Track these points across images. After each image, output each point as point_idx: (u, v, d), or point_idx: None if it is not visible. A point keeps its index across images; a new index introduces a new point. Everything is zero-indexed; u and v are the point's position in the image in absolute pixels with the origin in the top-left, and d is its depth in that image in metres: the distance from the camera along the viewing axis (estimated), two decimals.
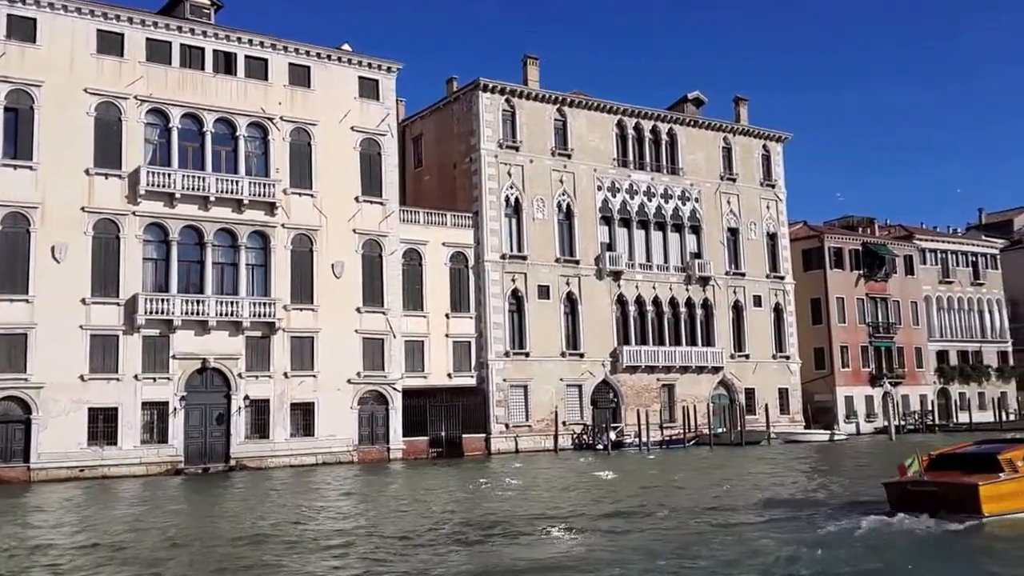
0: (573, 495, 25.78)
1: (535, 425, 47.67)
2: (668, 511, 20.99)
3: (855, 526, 17.35)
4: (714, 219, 56.77)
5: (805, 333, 60.54)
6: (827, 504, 21.57)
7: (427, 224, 46.63)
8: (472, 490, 28.10)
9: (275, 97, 42.48)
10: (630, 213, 53.36)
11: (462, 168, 49.66)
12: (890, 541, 16.13)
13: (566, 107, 51.75)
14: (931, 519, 17.06)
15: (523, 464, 38.88)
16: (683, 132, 56.31)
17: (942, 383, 66.97)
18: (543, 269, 49.41)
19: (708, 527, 18.50)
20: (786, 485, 27.18)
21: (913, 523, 17.06)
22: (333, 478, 34.17)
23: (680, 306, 54.31)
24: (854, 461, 37.44)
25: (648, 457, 42.59)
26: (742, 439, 49.37)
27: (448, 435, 45.23)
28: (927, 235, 70.16)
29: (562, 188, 50.92)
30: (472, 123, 49.09)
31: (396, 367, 43.56)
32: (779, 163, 60.63)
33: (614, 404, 51.11)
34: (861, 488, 24.44)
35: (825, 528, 17.57)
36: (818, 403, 61.19)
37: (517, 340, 48.11)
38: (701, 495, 24.45)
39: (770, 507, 21.47)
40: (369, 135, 44.62)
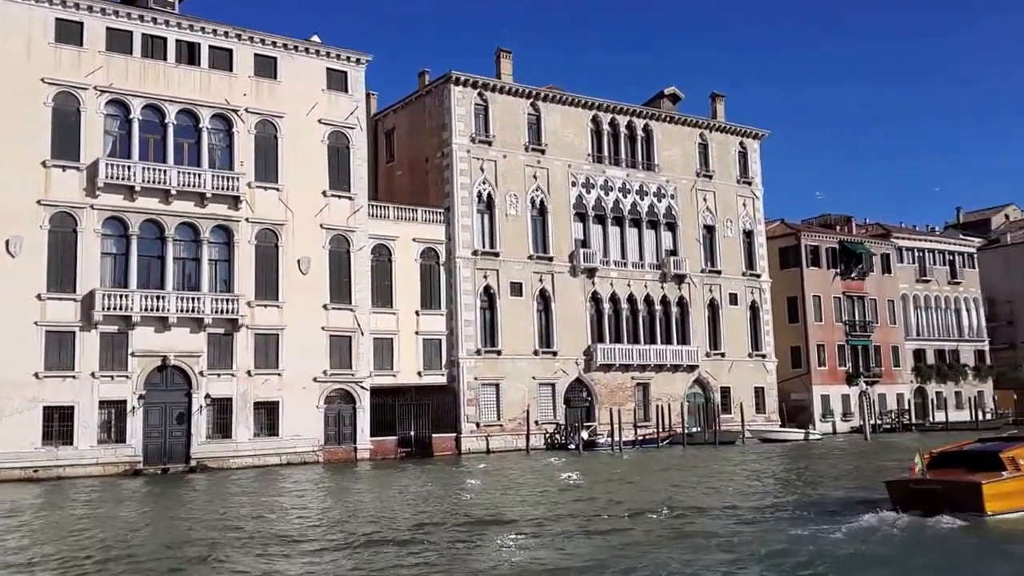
0: (529, 497, 24.96)
1: (507, 424, 46.91)
2: (625, 514, 20.28)
3: (857, 525, 17.19)
4: (690, 216, 56.18)
5: (781, 331, 60.09)
6: (825, 503, 21.16)
7: (397, 219, 45.75)
8: (427, 493, 27.29)
9: (240, 89, 41.49)
10: (605, 210, 52.68)
11: (434, 163, 48.81)
12: (893, 540, 15.96)
13: (540, 101, 50.99)
14: (934, 518, 16.96)
15: (489, 465, 38.15)
16: (659, 128, 55.68)
17: (919, 382, 66.72)
18: (516, 266, 48.65)
19: (673, 532, 17.80)
20: (755, 486, 26.54)
21: (916, 522, 16.92)
22: (295, 479, 33.31)
23: (655, 304, 53.70)
24: (826, 461, 36.90)
25: (619, 457, 41.89)
26: (716, 439, 48.82)
27: (417, 435, 44.40)
28: (904, 233, 69.92)
29: (536, 184, 50.17)
30: (444, 117, 48.25)
31: (364, 365, 42.69)
32: (756, 160, 60.14)
33: (588, 403, 50.43)
34: (827, 491, 23.86)
35: (826, 527, 17.28)
36: (794, 402, 60.76)
37: (489, 338, 47.32)
38: (668, 496, 23.77)
39: (750, 508, 20.88)
40: (337, 128, 43.70)
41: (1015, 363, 76.41)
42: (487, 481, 30.63)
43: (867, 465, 33.76)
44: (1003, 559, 14.73)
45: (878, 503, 19.46)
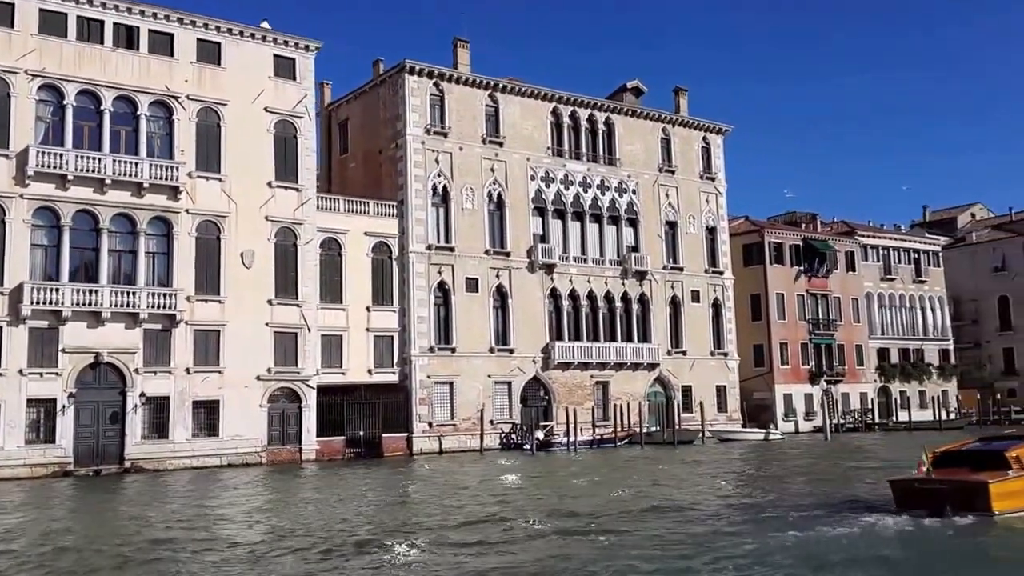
0: (454, 504, 23.48)
1: (460, 424, 45.61)
2: (547, 522, 19.06)
3: (861, 525, 16.97)
4: (652, 212, 55.17)
5: (744, 330, 59.28)
6: (827, 503, 20.73)
7: (348, 212, 44.29)
8: (351, 497, 25.94)
9: (181, 75, 39.85)
10: (565, 204, 51.52)
11: (388, 155, 47.41)
12: (899, 540, 15.76)
13: (498, 93, 49.70)
14: (939, 517, 16.81)
15: (435, 466, 36.90)
16: (621, 122, 54.60)
17: (883, 381, 66.21)
18: (472, 261, 47.34)
19: (604, 538, 16.62)
20: (701, 488, 25.42)
21: (921, 522, 16.74)
22: (232, 482, 31.85)
23: (616, 301, 52.62)
24: (782, 463, 35.91)
25: (573, 458, 40.71)
26: (675, 438, 47.84)
27: (367, 435, 42.99)
28: (869, 231, 69.38)
29: (493, 177, 48.89)
30: (398, 108, 46.85)
31: (311, 363, 41.23)
32: (719, 156, 59.25)
33: (545, 402, 49.26)
34: (772, 496, 22.82)
35: (829, 527, 16.96)
36: (757, 401, 59.99)
37: (443, 335, 45.99)
38: (605, 500, 22.60)
39: (716, 509, 19.76)
40: (285, 117, 42.17)
41: (979, 362, 76.28)
42: (422, 485, 29.29)
43: (818, 466, 32.84)
44: (1013, 560, 14.55)
45: (873, 503, 19.22)
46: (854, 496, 21.96)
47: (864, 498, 21.17)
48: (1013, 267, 75.29)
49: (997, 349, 76.23)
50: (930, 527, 16.47)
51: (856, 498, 21.42)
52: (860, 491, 23.00)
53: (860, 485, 24.78)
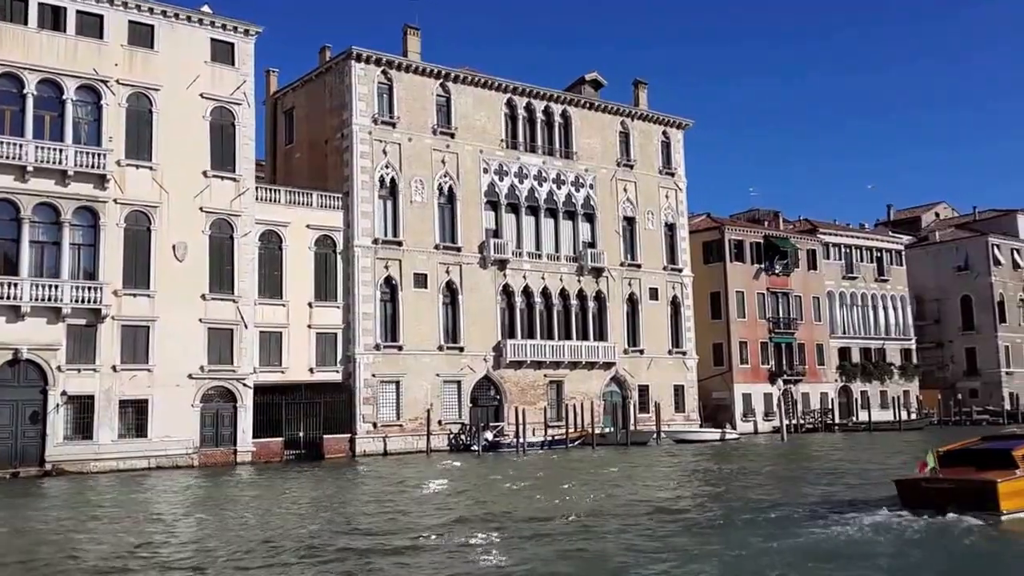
0: (356, 512, 21.87)
1: (407, 424, 44.05)
2: (437, 534, 17.61)
3: (867, 525, 16.74)
4: (609, 207, 53.89)
5: (704, 328, 58.20)
6: (829, 503, 20.52)
7: (289, 204, 42.55)
8: (256, 507, 24.32)
9: (111, 58, 37.90)
10: (519, 198, 50.08)
11: (333, 145, 45.71)
12: (907, 540, 15.53)
13: (450, 82, 48.15)
14: (946, 517, 16.62)
15: (373, 469, 35.45)
16: (578, 114, 53.25)
17: (844, 381, 65.47)
18: (421, 256, 45.77)
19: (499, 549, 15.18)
20: (637, 497, 24.07)
21: (928, 521, 16.57)
22: (155, 485, 30.14)
23: (571, 298, 51.27)
24: (732, 463, 34.69)
25: (519, 460, 39.24)
26: (628, 439, 46.59)
27: (308, 436, 41.33)
28: (831, 229, 68.58)
29: (444, 169, 47.34)
30: (344, 96, 45.16)
31: (247, 360, 39.47)
32: (679, 151, 58.09)
33: (496, 402, 47.81)
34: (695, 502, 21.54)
35: (834, 527, 16.72)
36: (716, 401, 58.98)
37: (390, 332, 44.39)
38: (529, 504, 21.19)
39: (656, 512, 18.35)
40: (222, 104, 40.34)
41: (942, 362, 75.88)
42: (338, 490, 27.57)
43: (760, 469, 31.66)
44: None
45: (878, 503, 19.07)
46: (856, 496, 21.70)
47: (867, 498, 20.88)
48: (976, 266, 74.91)
49: (959, 349, 75.83)
50: (938, 527, 16.27)
51: (859, 498, 21.11)
52: (862, 491, 22.89)
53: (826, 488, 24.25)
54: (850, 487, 24.43)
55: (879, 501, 19.44)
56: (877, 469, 29.97)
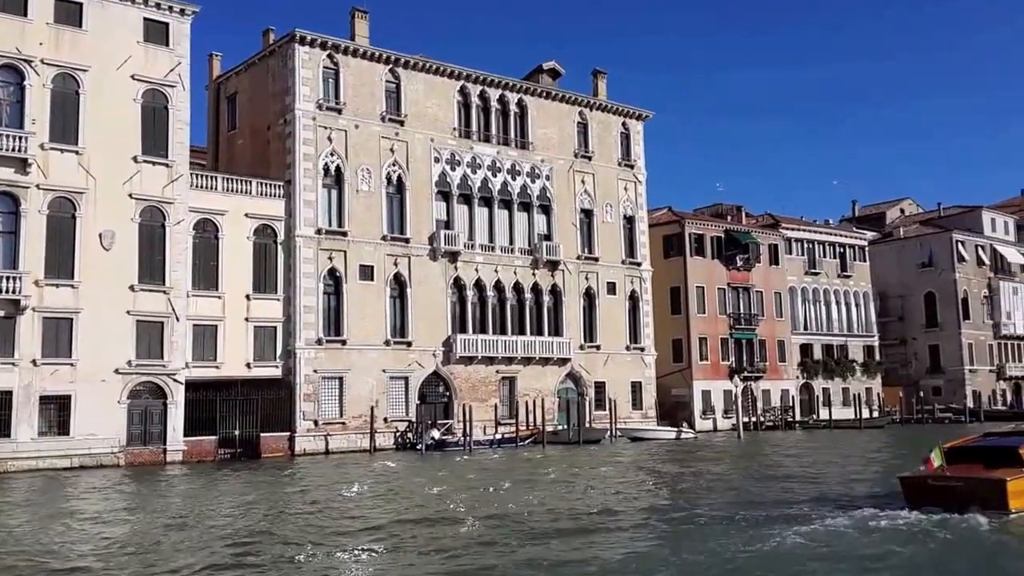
0: (248, 519, 20.32)
1: (351, 422, 42.45)
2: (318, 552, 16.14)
3: (873, 524, 16.46)
4: (566, 199, 52.51)
5: (663, 324, 57.03)
6: (832, 501, 20.24)
7: (227, 192, 40.79)
8: (150, 508, 22.73)
9: (35, 36, 35.93)
10: (471, 189, 48.57)
11: (276, 131, 43.94)
12: (914, 538, 15.28)
13: (400, 68, 46.51)
14: (953, 515, 16.34)
15: (304, 469, 33.85)
16: (534, 103, 51.80)
17: (805, 378, 64.63)
18: (367, 247, 44.15)
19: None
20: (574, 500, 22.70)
21: (936, 519, 16.27)
22: (73, 487, 28.39)
23: (525, 292, 49.86)
24: (681, 465, 33.46)
25: (460, 460, 37.74)
26: (580, 437, 45.30)
27: (244, 434, 39.60)
28: (793, 224, 67.65)
29: (393, 158, 45.73)
30: (287, 80, 43.41)
31: (179, 355, 37.70)
32: (639, 142, 56.82)
33: (446, 399, 46.33)
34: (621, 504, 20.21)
35: (842, 527, 16.47)
36: (675, 398, 57.86)
37: (333, 326, 42.75)
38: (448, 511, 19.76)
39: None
40: (155, 86, 38.47)
41: (905, 359, 75.32)
42: (256, 493, 25.79)
43: (707, 470, 30.43)
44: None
45: (881, 501, 18.83)
46: (860, 493, 21.46)
47: (870, 495, 20.68)
48: (940, 263, 74.36)
49: (923, 346, 75.28)
50: (946, 525, 15.94)
51: (862, 495, 20.86)
52: (866, 488, 22.73)
53: None
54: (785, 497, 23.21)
55: (884, 499, 19.13)
56: (830, 472, 28.83)
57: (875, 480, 25.16)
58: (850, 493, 22.11)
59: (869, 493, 21.68)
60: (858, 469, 29.83)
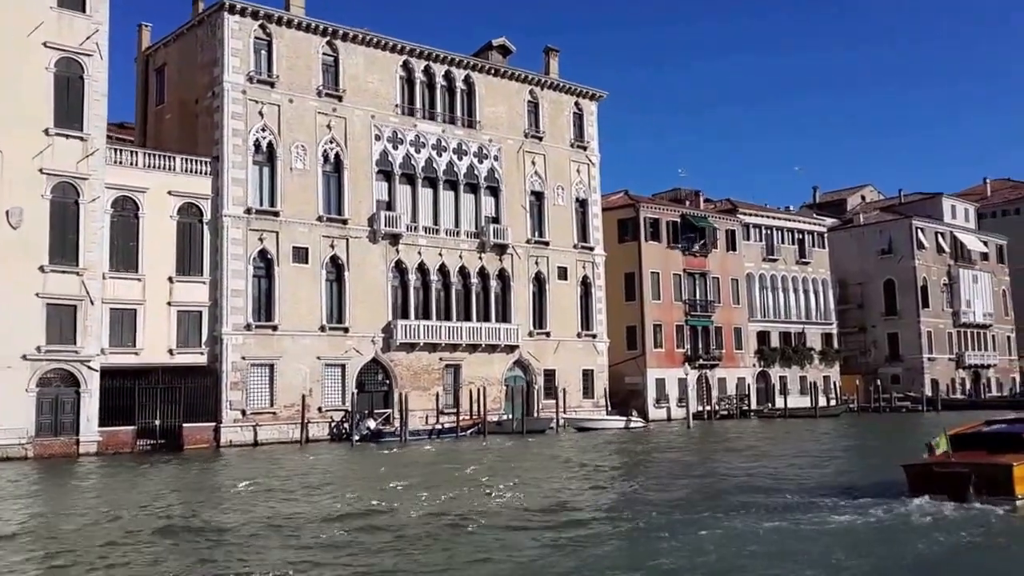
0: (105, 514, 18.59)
1: (282, 412, 40.42)
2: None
3: (878, 513, 16.15)
4: (515, 180, 50.67)
5: (617, 310, 55.46)
6: (831, 488, 19.90)
7: (149, 168, 38.49)
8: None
9: None
10: (415, 169, 46.57)
11: (204, 105, 41.65)
12: (923, 526, 15.08)
13: (339, 40, 44.32)
14: (958, 502, 16.22)
15: (222, 461, 31.96)
16: (482, 81, 49.82)
17: (762, 366, 63.40)
18: (301, 228, 42.05)
19: None
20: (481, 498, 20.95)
21: (941, 507, 16.15)
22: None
23: (472, 276, 48.00)
24: (624, 455, 31.90)
25: (387, 452, 35.89)
26: (524, 428, 43.63)
27: (165, 424, 37.46)
28: (751, 210, 66.27)
29: (330, 135, 43.60)
30: (216, 51, 41.10)
31: (93, 341, 35.46)
32: (592, 123, 55.04)
33: (386, 387, 44.42)
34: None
35: (843, 515, 16.17)
36: (628, 386, 56.35)
37: (264, 311, 40.67)
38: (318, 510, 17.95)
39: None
40: (69, 54, 36.04)
41: (864, 347, 74.44)
42: (148, 487, 23.85)
43: (647, 460, 28.89)
44: None
45: (881, 488, 18.61)
46: (858, 482, 21.14)
47: (869, 483, 20.44)
48: (899, 250, 73.43)
49: (882, 334, 74.40)
50: (954, 512, 15.81)
51: (860, 484, 20.56)
52: (865, 475, 22.49)
53: None
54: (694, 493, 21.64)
55: (883, 487, 18.82)
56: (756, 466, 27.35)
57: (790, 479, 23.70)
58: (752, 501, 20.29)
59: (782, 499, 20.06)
60: (780, 468, 28.37)
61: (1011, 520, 15.56)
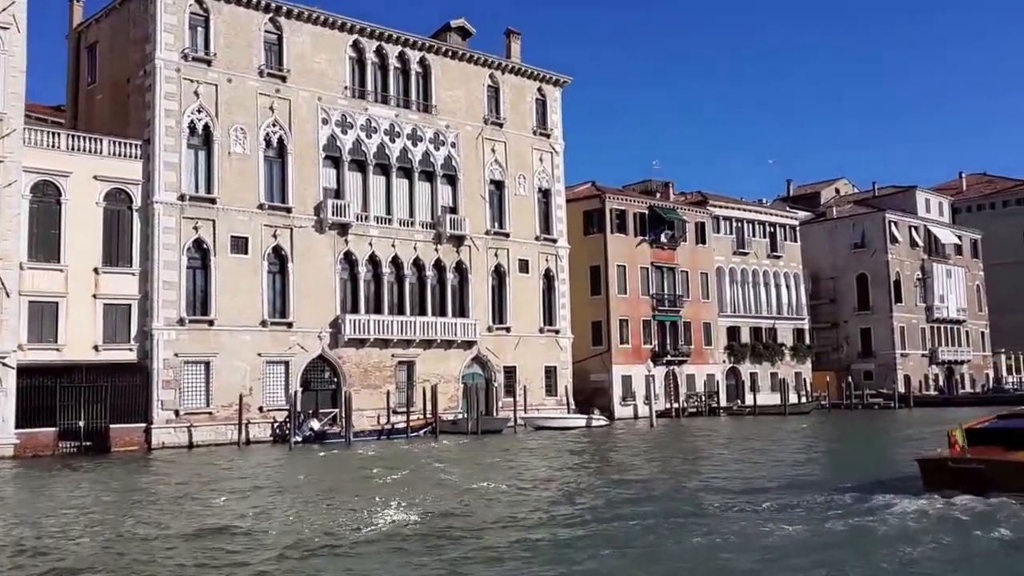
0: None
1: (219, 412, 37.87)
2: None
3: (892, 510, 15.74)
4: (474, 169, 48.33)
5: (581, 304, 53.30)
6: (842, 486, 19.14)
7: (73, 151, 35.81)
8: None
9: None
10: (366, 155, 44.13)
11: (135, 84, 38.99)
12: (936, 524, 14.68)
13: (282, 17, 41.77)
14: (975, 497, 15.87)
15: (143, 466, 29.32)
16: (439, 63, 47.44)
17: (732, 362, 61.54)
18: (240, 216, 39.49)
19: None
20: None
21: (958, 504, 15.72)
22: None
23: (427, 269, 45.63)
24: (577, 456, 29.69)
25: (327, 454, 33.50)
26: (478, 427, 41.35)
27: (91, 425, 34.82)
28: (722, 202, 64.31)
29: (273, 117, 41.06)
30: (148, 27, 38.44)
31: (10, 336, 32.79)
32: (556, 110, 52.79)
33: (334, 385, 41.98)
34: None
35: (857, 512, 15.75)
36: (594, 383, 54.26)
37: (199, 304, 38.09)
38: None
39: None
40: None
41: (836, 343, 72.87)
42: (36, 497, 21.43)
43: (587, 462, 26.68)
44: None
45: (895, 484, 18.22)
46: (870, 477, 20.55)
47: (883, 478, 20.01)
48: (872, 243, 71.90)
49: (855, 330, 72.85)
50: (971, 509, 15.47)
51: (872, 479, 20.03)
52: (876, 471, 21.89)
53: None
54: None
55: (897, 483, 18.45)
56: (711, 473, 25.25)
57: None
58: None
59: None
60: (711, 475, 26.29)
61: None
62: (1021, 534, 13.86)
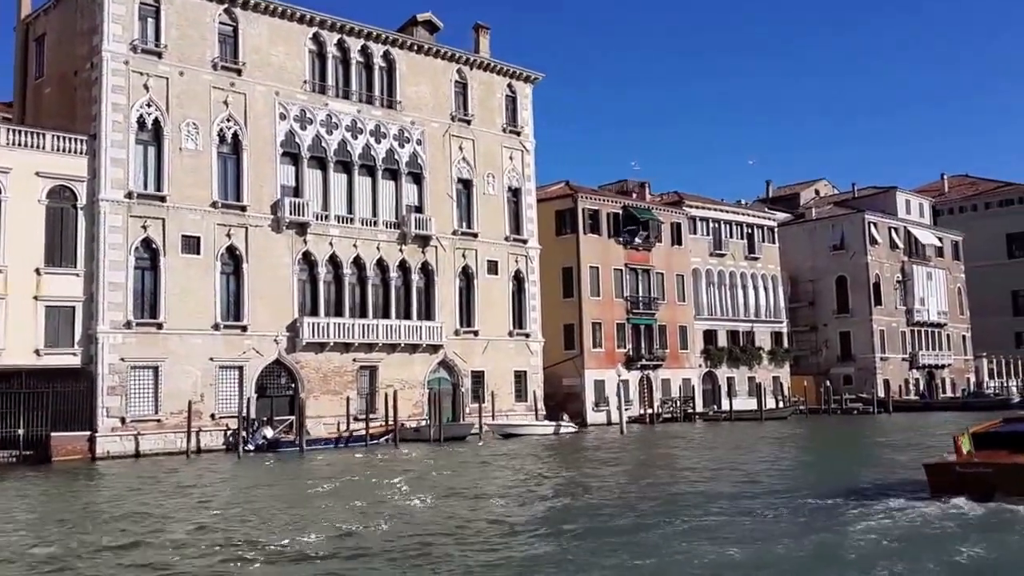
0: None
1: (168, 420, 36.26)
2: None
3: (898, 515, 15.78)
4: (441, 167, 46.92)
5: (553, 307, 51.93)
6: (848, 491, 19.01)
7: (12, 145, 34.21)
8: None
9: None
10: (326, 152, 42.66)
11: (83, 77, 37.39)
12: (953, 527, 14.65)
13: (238, 9, 40.23)
14: (983, 502, 15.83)
15: (79, 477, 27.72)
16: (404, 58, 46.02)
17: (709, 366, 60.29)
18: (192, 215, 37.91)
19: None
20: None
21: (966, 508, 15.71)
22: None
23: (391, 270, 44.18)
24: (537, 464, 28.27)
25: (273, 463, 31.97)
26: (441, 434, 39.89)
27: (30, 434, 33.20)
28: (698, 202, 63.09)
29: (227, 112, 39.52)
30: (96, 17, 36.85)
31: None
32: (527, 107, 51.47)
33: (291, 391, 40.43)
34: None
35: (865, 520, 15.58)
36: (566, 388, 52.88)
37: (148, 307, 36.50)
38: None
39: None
40: None
41: (815, 347, 71.71)
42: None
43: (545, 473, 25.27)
44: None
45: (900, 489, 18.25)
46: (876, 481, 20.57)
47: (889, 484, 20.02)
48: (852, 245, 70.76)
49: (834, 333, 71.69)
50: (980, 512, 15.44)
51: (879, 484, 20.05)
52: (883, 476, 21.89)
53: None
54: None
55: (903, 488, 18.49)
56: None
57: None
58: None
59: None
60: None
61: None
62: None
